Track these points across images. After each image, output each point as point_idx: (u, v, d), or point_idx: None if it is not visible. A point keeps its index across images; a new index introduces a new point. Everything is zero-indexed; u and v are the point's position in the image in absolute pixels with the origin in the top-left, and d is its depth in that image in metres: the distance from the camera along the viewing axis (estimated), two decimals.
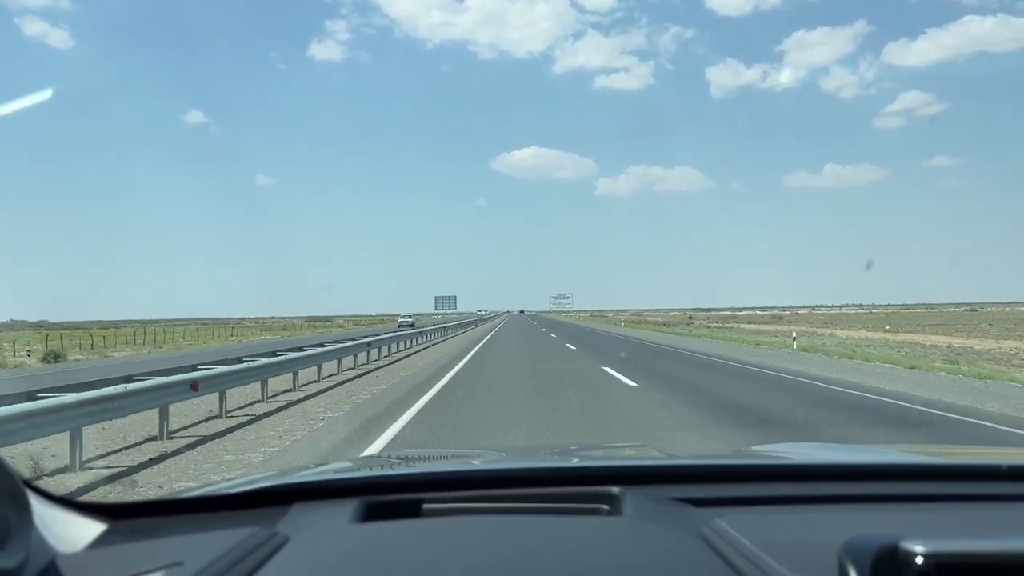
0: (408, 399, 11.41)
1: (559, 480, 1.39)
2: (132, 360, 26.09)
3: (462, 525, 1.14)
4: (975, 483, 1.40)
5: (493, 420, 9.34)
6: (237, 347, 34.43)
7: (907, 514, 1.22)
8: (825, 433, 8.19)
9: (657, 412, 9.95)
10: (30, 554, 0.82)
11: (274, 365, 12.28)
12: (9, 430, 5.89)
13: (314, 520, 1.13)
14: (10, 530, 0.79)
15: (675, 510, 1.17)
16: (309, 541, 1.02)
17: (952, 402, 10.87)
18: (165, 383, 8.61)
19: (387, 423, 8.97)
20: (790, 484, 1.37)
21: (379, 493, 1.28)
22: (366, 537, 1.06)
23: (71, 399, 6.76)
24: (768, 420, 9.37)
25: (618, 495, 1.23)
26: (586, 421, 9.37)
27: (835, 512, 1.22)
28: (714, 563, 0.93)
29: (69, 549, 0.98)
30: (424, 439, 7.84)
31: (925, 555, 0.71)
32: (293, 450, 7.61)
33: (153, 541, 1.06)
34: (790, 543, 0.97)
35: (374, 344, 19.89)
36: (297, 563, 0.94)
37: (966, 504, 1.28)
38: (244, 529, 1.02)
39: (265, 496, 1.27)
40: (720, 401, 11.20)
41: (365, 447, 7.48)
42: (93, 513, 1.11)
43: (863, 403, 10.94)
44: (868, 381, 13.89)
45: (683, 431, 8.33)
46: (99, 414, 7.15)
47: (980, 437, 8.04)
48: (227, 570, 0.86)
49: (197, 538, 1.04)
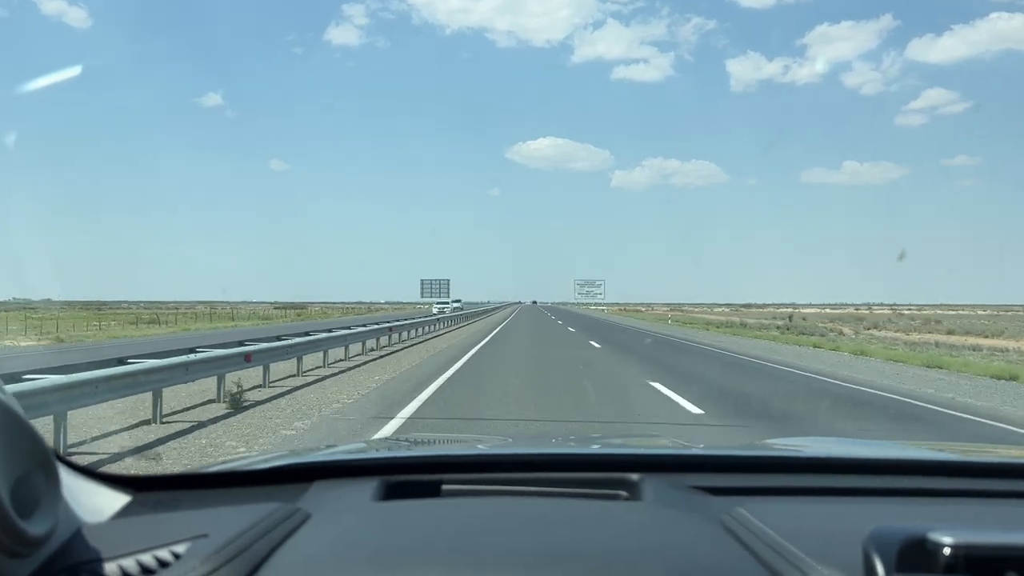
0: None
1: (578, 466, 1.40)
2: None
3: (482, 505, 1.15)
4: (998, 480, 1.38)
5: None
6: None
7: (929, 508, 1.22)
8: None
9: None
10: (58, 523, 0.83)
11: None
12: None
13: (335, 497, 1.15)
14: (40, 499, 0.79)
15: (695, 498, 1.18)
16: (331, 517, 1.04)
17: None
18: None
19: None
20: (810, 476, 1.37)
21: (398, 473, 1.29)
22: (388, 515, 1.07)
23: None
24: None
25: (637, 482, 1.23)
26: None
27: (856, 504, 1.22)
28: (736, 549, 0.93)
29: (94, 519, 0.99)
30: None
31: (953, 546, 0.70)
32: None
33: (176, 513, 1.09)
34: (813, 533, 0.96)
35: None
36: (320, 538, 0.94)
37: (988, 500, 1.27)
38: (267, 504, 1.03)
39: (286, 474, 1.30)
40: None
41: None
42: (118, 484, 1.13)
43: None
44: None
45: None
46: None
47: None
48: (252, 543, 0.87)
49: (220, 511, 1.06)
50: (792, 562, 0.85)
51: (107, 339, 28.60)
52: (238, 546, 0.85)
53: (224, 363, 10.17)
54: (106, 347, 22.12)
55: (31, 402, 6.18)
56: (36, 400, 6.28)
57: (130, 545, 0.87)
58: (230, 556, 0.82)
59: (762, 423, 8.56)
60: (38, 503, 0.79)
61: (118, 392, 7.64)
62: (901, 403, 10.84)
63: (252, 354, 10.82)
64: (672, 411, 9.21)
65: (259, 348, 11.46)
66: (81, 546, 0.88)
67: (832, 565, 0.82)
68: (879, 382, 13.51)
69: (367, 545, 0.93)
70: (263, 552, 0.86)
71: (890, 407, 10.40)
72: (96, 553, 0.86)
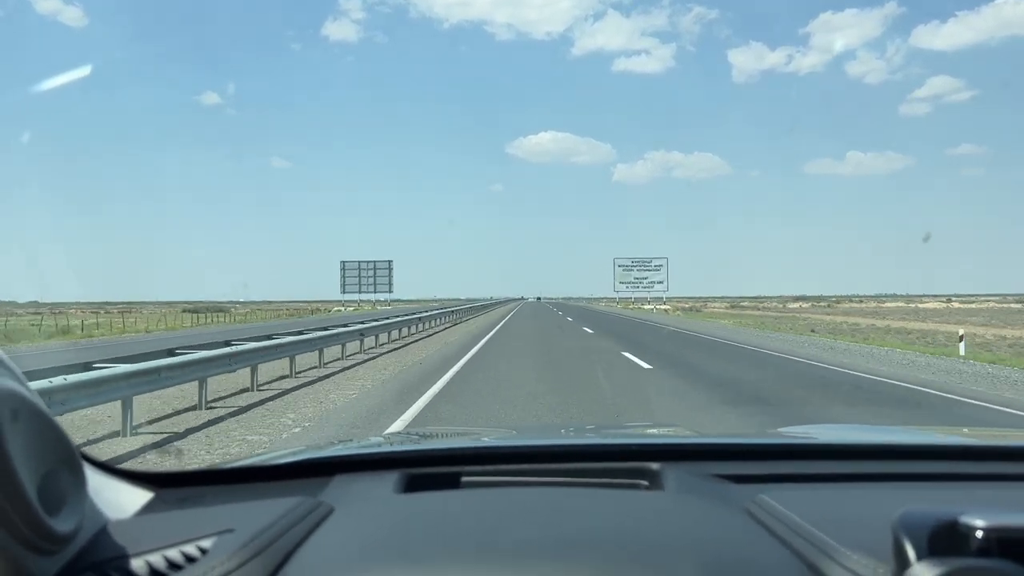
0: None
1: (598, 456, 1.40)
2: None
3: (503, 496, 1.16)
4: (1019, 463, 1.39)
5: None
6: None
7: (956, 492, 1.22)
8: None
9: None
10: (84, 520, 0.83)
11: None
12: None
13: (357, 491, 1.16)
14: (66, 497, 0.79)
15: (717, 486, 1.17)
16: (354, 510, 1.04)
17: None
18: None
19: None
20: (831, 463, 1.36)
21: (418, 466, 1.30)
22: (410, 507, 1.08)
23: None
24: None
25: (658, 471, 1.22)
26: None
27: (879, 490, 1.21)
28: (761, 535, 0.92)
29: (119, 516, 0.99)
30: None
31: (986, 529, 0.69)
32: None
33: (200, 509, 1.10)
34: (838, 519, 0.94)
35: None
36: (345, 531, 0.95)
37: (1011, 484, 1.28)
38: (290, 499, 1.03)
39: (307, 468, 1.30)
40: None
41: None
42: (141, 481, 1.13)
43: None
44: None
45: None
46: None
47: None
48: (277, 537, 0.87)
49: (244, 506, 1.06)
50: (820, 548, 0.85)
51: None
52: (264, 540, 0.85)
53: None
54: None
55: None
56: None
57: (156, 541, 0.87)
58: (257, 550, 0.83)
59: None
60: (64, 500, 0.79)
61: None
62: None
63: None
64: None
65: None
66: (107, 543, 0.87)
67: (860, 550, 0.82)
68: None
69: (391, 537, 0.93)
70: (289, 546, 0.87)
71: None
72: (122, 549, 0.85)
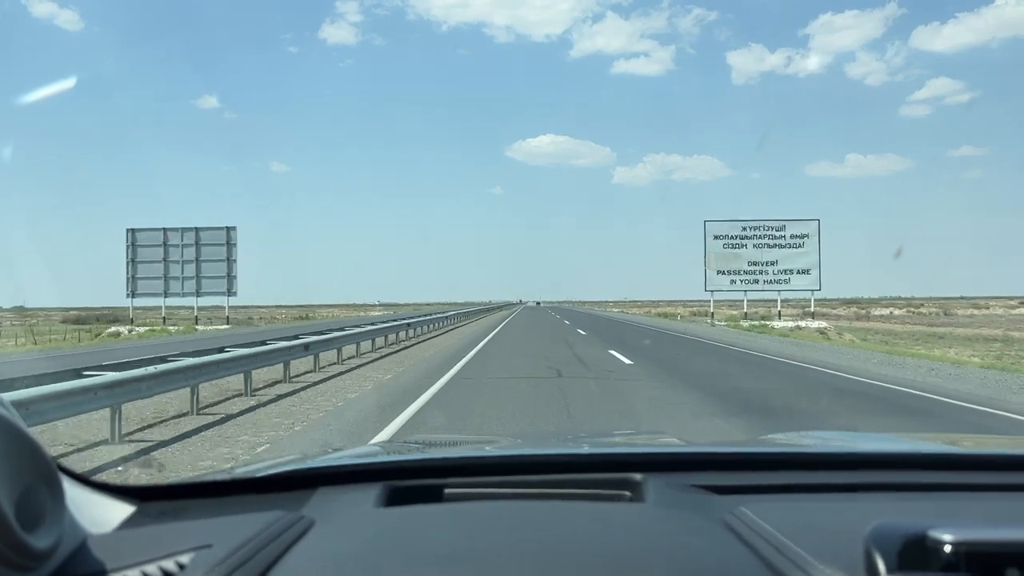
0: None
1: (580, 466, 1.40)
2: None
3: (485, 509, 1.15)
4: (1000, 473, 1.37)
5: None
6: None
7: (932, 503, 1.21)
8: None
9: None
10: (63, 535, 0.83)
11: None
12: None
13: (338, 504, 1.15)
14: (44, 512, 0.79)
15: (698, 497, 1.18)
16: (335, 524, 1.04)
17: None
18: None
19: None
20: (813, 473, 1.36)
21: (401, 478, 1.29)
22: (391, 521, 1.08)
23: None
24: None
25: (640, 482, 1.23)
26: None
27: (859, 501, 1.21)
28: (739, 550, 0.92)
29: (99, 530, 0.99)
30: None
31: (954, 543, 0.70)
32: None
33: (180, 523, 1.10)
34: (815, 531, 0.96)
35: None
36: (324, 546, 0.95)
37: (991, 494, 1.26)
38: (270, 513, 1.03)
39: (289, 480, 1.30)
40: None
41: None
42: (121, 495, 1.12)
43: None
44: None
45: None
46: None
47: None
48: (256, 552, 0.87)
49: (224, 521, 1.05)
50: (795, 562, 0.86)
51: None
52: (242, 556, 0.86)
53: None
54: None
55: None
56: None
57: (135, 556, 0.87)
58: (234, 566, 0.83)
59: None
60: (43, 516, 0.79)
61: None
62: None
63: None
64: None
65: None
66: (86, 558, 0.88)
67: (834, 564, 0.82)
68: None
69: (368, 553, 0.93)
70: (266, 562, 0.87)
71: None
72: (101, 565, 0.86)
